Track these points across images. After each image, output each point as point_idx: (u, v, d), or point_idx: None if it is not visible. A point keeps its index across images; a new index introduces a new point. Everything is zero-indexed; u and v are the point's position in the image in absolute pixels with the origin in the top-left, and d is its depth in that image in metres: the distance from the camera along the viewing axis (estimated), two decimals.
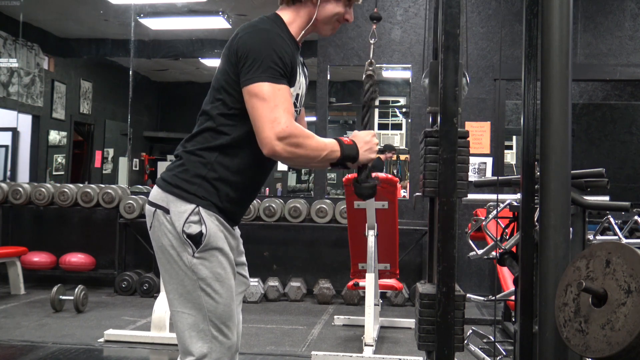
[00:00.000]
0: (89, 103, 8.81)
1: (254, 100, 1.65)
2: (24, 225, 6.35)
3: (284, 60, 1.68)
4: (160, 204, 1.74)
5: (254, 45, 1.68)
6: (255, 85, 1.65)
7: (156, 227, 1.74)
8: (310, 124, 8.17)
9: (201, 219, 1.70)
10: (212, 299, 1.71)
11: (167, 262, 1.74)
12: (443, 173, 1.77)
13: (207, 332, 1.72)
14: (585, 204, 2.06)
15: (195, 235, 1.69)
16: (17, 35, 7.00)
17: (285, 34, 1.78)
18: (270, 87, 1.65)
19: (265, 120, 1.63)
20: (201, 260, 1.70)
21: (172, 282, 1.74)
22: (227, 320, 1.75)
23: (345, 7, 1.85)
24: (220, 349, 1.73)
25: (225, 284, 1.74)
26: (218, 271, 1.72)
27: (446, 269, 1.75)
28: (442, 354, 1.75)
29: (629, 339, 1.30)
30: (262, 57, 1.66)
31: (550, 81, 1.62)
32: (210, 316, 1.72)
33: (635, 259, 1.35)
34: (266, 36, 1.70)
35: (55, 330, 4.30)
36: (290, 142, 1.64)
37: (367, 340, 3.78)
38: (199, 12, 6.52)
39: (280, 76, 1.68)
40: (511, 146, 8.12)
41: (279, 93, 1.66)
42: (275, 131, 1.62)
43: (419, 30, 5.90)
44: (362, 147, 1.78)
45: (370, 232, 4.04)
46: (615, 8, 5.81)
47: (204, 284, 1.70)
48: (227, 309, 1.74)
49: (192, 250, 1.69)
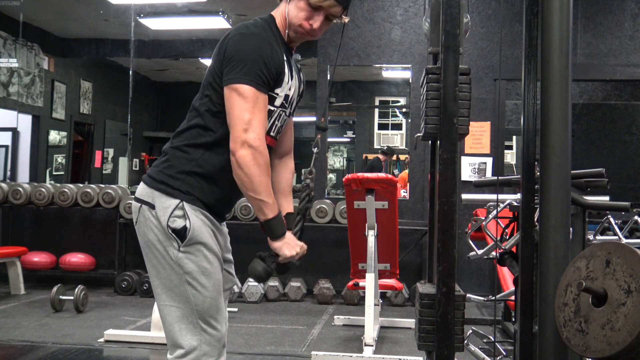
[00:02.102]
0: (89, 103, 8.81)
1: (234, 95, 1.68)
2: (24, 225, 6.35)
3: (269, 68, 1.70)
4: (145, 199, 1.76)
5: (243, 48, 1.70)
6: (237, 86, 1.68)
7: (142, 222, 1.77)
8: (310, 124, 8.18)
9: (185, 214, 1.72)
10: (199, 293, 1.73)
11: (154, 256, 1.76)
12: (443, 173, 1.77)
13: (196, 324, 1.73)
14: (585, 204, 2.06)
15: (179, 230, 1.71)
16: (17, 35, 7.00)
17: (276, 37, 1.79)
18: (252, 91, 1.67)
19: (240, 119, 1.66)
20: (187, 255, 1.72)
21: (159, 277, 1.76)
22: (215, 313, 1.76)
23: (309, 12, 1.78)
24: (210, 341, 1.74)
25: (212, 277, 1.76)
26: (204, 265, 1.74)
27: (446, 269, 1.75)
28: (442, 354, 1.76)
29: (629, 339, 1.30)
30: (249, 61, 1.68)
31: (550, 81, 1.63)
32: (198, 309, 1.73)
33: (635, 259, 1.35)
34: (256, 42, 1.72)
35: (55, 330, 4.30)
36: (254, 156, 1.65)
37: (367, 340, 3.78)
38: (199, 12, 6.51)
39: (263, 83, 1.70)
40: (511, 146, 8.13)
41: (259, 101, 1.68)
42: (245, 136, 1.65)
43: (419, 30, 5.90)
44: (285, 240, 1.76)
45: (370, 232, 4.04)
46: (615, 8, 5.81)
47: (190, 277, 1.72)
48: (214, 302, 1.76)
49: (178, 244, 1.71)
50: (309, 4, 1.77)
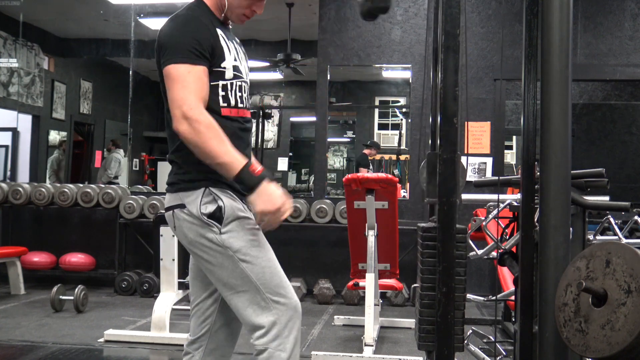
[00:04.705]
0: (89, 103, 8.81)
1: (167, 81, 1.72)
2: (24, 225, 6.35)
3: (200, 41, 1.74)
4: (174, 203, 1.79)
5: (170, 31, 1.77)
6: (168, 67, 1.72)
7: (178, 226, 1.79)
8: (311, 124, 8.17)
9: (215, 197, 1.74)
10: (255, 266, 1.72)
11: (202, 252, 1.76)
12: (443, 173, 1.77)
13: (268, 300, 1.72)
14: (585, 204, 2.06)
15: (214, 212, 1.73)
16: (17, 35, 7.00)
17: (206, 15, 1.83)
18: (182, 67, 1.71)
19: (173, 99, 1.70)
20: (229, 234, 1.73)
21: (215, 270, 1.76)
22: (280, 281, 1.75)
23: (253, 0, 1.85)
24: (286, 312, 1.74)
25: (262, 247, 1.76)
26: (249, 238, 1.74)
27: (446, 269, 1.75)
28: (442, 354, 1.76)
29: (629, 339, 1.30)
30: (177, 40, 1.73)
31: (550, 81, 1.63)
32: (262, 284, 1.72)
33: (635, 259, 1.35)
34: (181, 21, 1.78)
35: (55, 330, 4.30)
36: (193, 126, 1.66)
37: (367, 340, 3.78)
38: None
39: (196, 57, 1.73)
40: (511, 146, 8.13)
41: (190, 75, 1.71)
42: (181, 110, 1.67)
43: (419, 30, 5.90)
44: (261, 192, 1.67)
45: (370, 232, 4.03)
46: (615, 8, 5.81)
47: (241, 254, 1.72)
48: (273, 271, 1.75)
49: (218, 228, 1.73)
50: None
